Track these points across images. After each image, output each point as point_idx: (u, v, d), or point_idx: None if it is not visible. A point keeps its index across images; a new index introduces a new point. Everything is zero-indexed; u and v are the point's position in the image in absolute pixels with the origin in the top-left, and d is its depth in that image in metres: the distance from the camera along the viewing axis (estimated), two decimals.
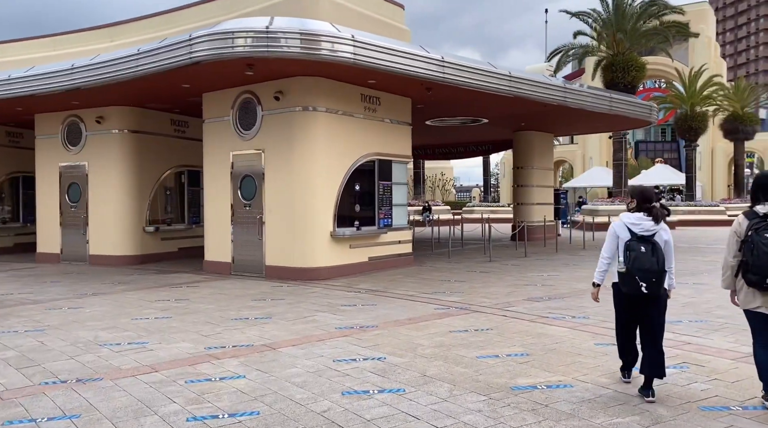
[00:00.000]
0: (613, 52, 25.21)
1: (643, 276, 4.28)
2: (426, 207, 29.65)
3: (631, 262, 4.33)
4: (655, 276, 4.31)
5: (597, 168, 45.03)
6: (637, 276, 4.29)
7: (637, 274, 4.29)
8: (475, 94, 13.12)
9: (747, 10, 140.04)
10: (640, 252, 4.34)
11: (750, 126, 36.71)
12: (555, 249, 16.29)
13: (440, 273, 11.96)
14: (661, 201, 4.91)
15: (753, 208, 4.19)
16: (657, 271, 4.31)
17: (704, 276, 10.87)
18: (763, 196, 4.14)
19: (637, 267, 4.30)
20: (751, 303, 4.23)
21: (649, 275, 4.28)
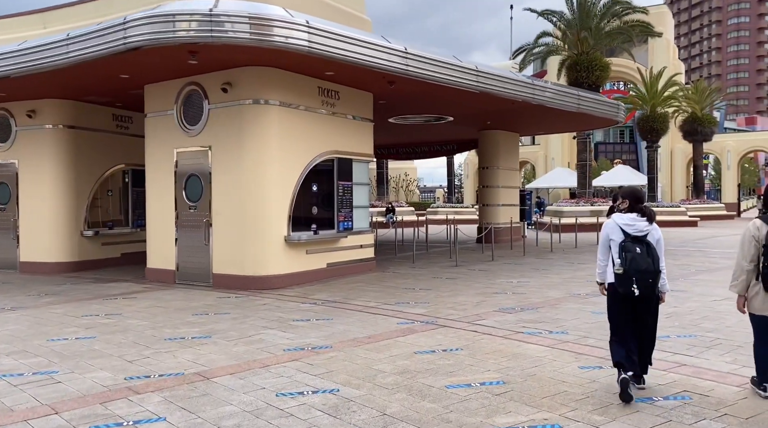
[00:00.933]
0: (578, 51, 24.95)
1: (639, 277, 4.31)
2: (389, 208, 28.86)
3: (628, 263, 4.33)
4: (652, 277, 4.36)
5: (559, 169, 45.04)
6: (635, 277, 4.31)
7: (634, 276, 4.31)
8: (440, 89, 12.36)
9: (700, 15, 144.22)
10: (636, 254, 4.35)
11: (708, 127, 37.17)
12: (522, 252, 15.68)
13: (404, 280, 11.15)
14: None
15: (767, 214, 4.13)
16: (653, 272, 4.36)
17: (680, 281, 10.33)
18: None
19: (635, 269, 4.31)
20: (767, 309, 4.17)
21: (645, 276, 4.32)
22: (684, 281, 10.36)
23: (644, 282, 4.33)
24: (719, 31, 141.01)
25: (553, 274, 11.60)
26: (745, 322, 5.46)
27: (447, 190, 38.99)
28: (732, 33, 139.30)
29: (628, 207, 4.63)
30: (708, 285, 9.75)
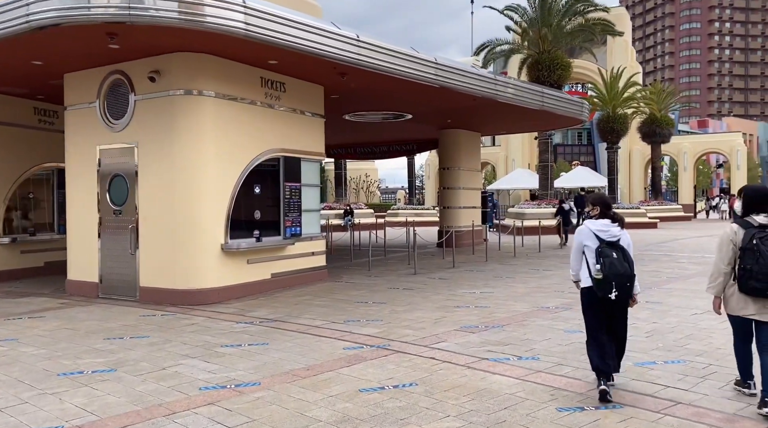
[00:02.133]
0: (539, 50, 24.38)
1: (618, 281, 4.48)
2: (347, 210, 27.80)
3: (607, 268, 4.48)
4: (629, 281, 4.54)
5: (519, 170, 44.72)
6: (614, 281, 4.47)
7: (613, 280, 4.47)
8: (397, 83, 11.39)
9: (654, 20, 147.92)
10: (614, 258, 4.51)
11: (666, 129, 37.31)
12: (485, 258, 14.83)
13: (357, 292, 10.12)
14: None
15: (745, 219, 4.36)
16: (630, 276, 4.54)
17: (654, 291, 9.60)
18: (759, 209, 4.32)
19: (614, 273, 4.47)
20: (743, 310, 4.35)
21: (623, 280, 4.50)
22: (657, 291, 9.62)
23: (622, 286, 4.50)
24: (672, 36, 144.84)
25: (518, 283, 10.74)
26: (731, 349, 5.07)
27: (408, 192, 38.11)
28: (684, 38, 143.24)
29: (599, 213, 4.79)
30: (684, 296, 9.02)
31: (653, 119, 36.54)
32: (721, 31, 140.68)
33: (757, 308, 4.30)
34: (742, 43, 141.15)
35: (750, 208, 4.39)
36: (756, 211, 4.36)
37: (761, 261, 4.17)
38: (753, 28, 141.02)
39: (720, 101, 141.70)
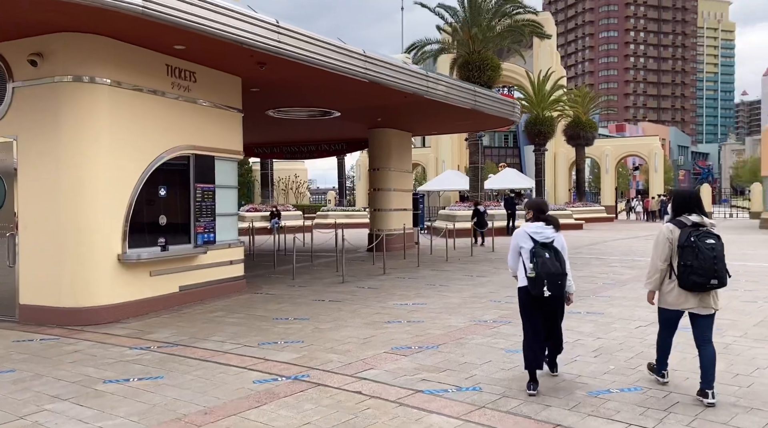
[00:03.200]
0: (469, 50, 24.08)
1: (550, 279, 4.75)
2: (274, 212, 26.51)
3: (539, 267, 4.76)
4: (560, 279, 4.83)
5: (450, 171, 44.73)
6: (546, 280, 4.75)
7: (545, 278, 4.74)
8: (323, 77, 10.47)
9: (575, 28, 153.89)
10: (546, 258, 4.80)
11: (590, 132, 38.18)
12: (417, 263, 14.13)
13: (278, 306, 9.11)
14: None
15: (678, 219, 4.67)
16: (561, 274, 4.83)
17: (592, 300, 9.15)
18: (692, 209, 4.64)
19: (546, 272, 4.75)
20: (683, 304, 4.65)
21: (554, 278, 4.78)
22: (596, 299, 9.18)
23: (554, 284, 4.79)
24: (592, 44, 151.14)
25: (452, 292, 10.06)
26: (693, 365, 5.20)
27: (338, 193, 37.15)
28: (603, 46, 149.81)
29: (532, 217, 5.10)
30: (624, 305, 8.60)
31: (578, 122, 37.26)
32: (636, 40, 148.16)
33: (696, 302, 4.63)
34: (655, 52, 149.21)
35: (680, 210, 4.72)
36: (686, 211, 4.68)
37: (701, 256, 4.45)
38: (665, 38, 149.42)
39: (635, 107, 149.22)
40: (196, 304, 9.23)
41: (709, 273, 4.46)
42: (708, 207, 34.12)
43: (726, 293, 9.33)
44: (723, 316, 7.60)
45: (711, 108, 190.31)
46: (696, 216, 4.62)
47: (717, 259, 4.47)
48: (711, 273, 4.46)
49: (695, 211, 4.64)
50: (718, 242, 4.54)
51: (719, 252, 4.49)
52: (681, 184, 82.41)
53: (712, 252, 4.46)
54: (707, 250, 4.45)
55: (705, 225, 4.61)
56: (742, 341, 6.39)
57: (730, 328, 6.98)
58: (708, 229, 4.60)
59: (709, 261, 4.44)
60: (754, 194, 42.81)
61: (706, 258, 4.44)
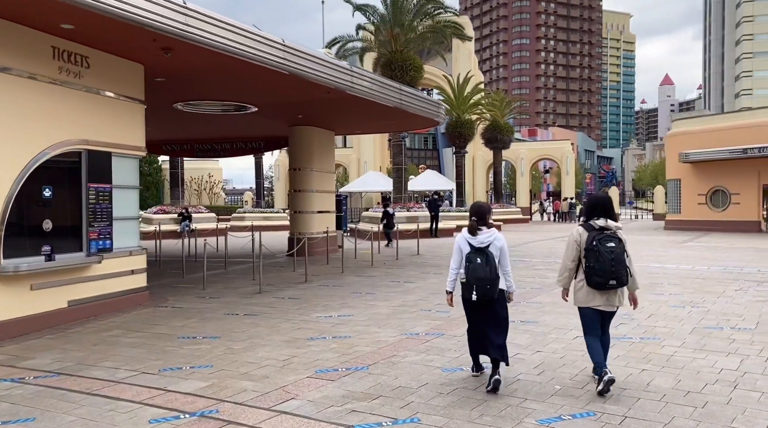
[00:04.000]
0: (392, 49, 23.65)
1: (478, 284, 4.96)
2: (184, 214, 24.91)
3: (469, 273, 5.00)
4: (489, 283, 4.97)
5: (372, 172, 44.32)
6: (474, 285, 4.97)
7: (474, 283, 4.97)
8: (238, 67, 9.57)
9: (490, 34, 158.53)
10: (477, 264, 4.98)
11: (507, 135, 38.92)
12: (341, 269, 13.40)
13: (185, 321, 8.11)
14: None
15: (588, 222, 5.03)
16: (490, 279, 4.98)
17: (523, 307, 8.80)
18: (599, 214, 5.00)
19: (475, 277, 4.97)
20: (591, 301, 4.99)
21: (483, 282, 4.96)
22: (528, 306, 8.83)
23: (482, 288, 4.94)
24: (506, 50, 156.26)
25: (379, 301, 9.42)
26: (640, 384, 5.12)
27: (256, 194, 35.68)
28: (516, 52, 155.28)
29: (471, 220, 5.20)
30: (558, 313, 8.28)
31: (495, 126, 37.86)
32: (546, 47, 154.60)
33: (602, 300, 4.95)
34: (564, 60, 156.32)
35: (590, 214, 5.04)
36: (595, 216, 5.00)
37: (601, 258, 4.80)
38: (573, 46, 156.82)
39: (546, 112, 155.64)
40: (88, 321, 8.06)
41: (608, 275, 4.80)
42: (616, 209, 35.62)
43: (652, 297, 9.31)
44: (657, 324, 7.42)
45: (614, 115, 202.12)
46: (602, 221, 4.95)
47: (615, 262, 4.79)
48: (610, 275, 4.80)
49: (603, 215, 4.98)
50: (618, 245, 4.84)
51: (618, 255, 4.80)
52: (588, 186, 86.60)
53: (611, 255, 4.79)
54: (607, 253, 4.80)
55: (610, 228, 4.93)
56: (682, 351, 6.14)
57: (667, 337, 6.75)
58: (612, 233, 4.90)
59: (608, 263, 4.78)
60: (656, 197, 45.35)
61: (606, 260, 4.78)
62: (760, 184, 26.09)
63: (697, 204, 28.02)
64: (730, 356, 5.87)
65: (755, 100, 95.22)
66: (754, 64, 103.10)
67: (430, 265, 14.17)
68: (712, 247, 18.46)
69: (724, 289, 10.03)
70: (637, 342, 6.49)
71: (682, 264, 13.82)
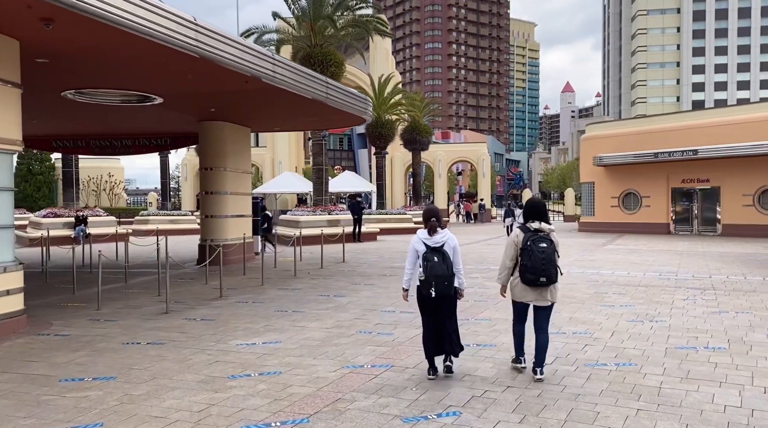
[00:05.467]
0: (311, 43, 22.38)
1: (437, 281, 5.28)
2: (79, 218, 22.35)
3: (428, 270, 5.29)
4: (447, 280, 5.33)
5: (287, 173, 42.60)
6: (433, 281, 5.28)
7: (433, 280, 5.28)
8: (140, 47, 8.06)
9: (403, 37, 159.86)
10: (434, 262, 5.31)
11: (426, 137, 38.58)
12: (260, 280, 12.01)
13: (72, 354, 6.55)
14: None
15: (525, 225, 5.49)
16: (447, 276, 5.33)
17: (477, 327, 7.91)
18: (535, 217, 5.47)
19: (433, 274, 5.28)
20: (525, 297, 5.48)
21: (441, 279, 5.29)
22: (476, 324, 7.94)
23: (441, 285, 5.29)
24: (419, 53, 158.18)
25: (310, 321, 8.21)
26: None
27: (161, 195, 33.09)
28: (428, 56, 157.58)
29: (425, 223, 5.53)
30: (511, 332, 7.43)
31: (414, 127, 37.38)
32: (458, 52, 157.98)
33: (534, 296, 5.41)
34: (475, 65, 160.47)
35: (528, 217, 5.50)
36: (531, 219, 5.45)
37: (533, 258, 5.26)
38: (482, 52, 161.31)
39: (458, 116, 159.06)
40: None
41: (538, 273, 5.28)
42: None
43: (605, 310, 8.69)
44: (624, 344, 6.74)
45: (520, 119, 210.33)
46: (537, 224, 5.42)
47: (545, 261, 5.26)
48: (540, 272, 5.27)
49: (537, 218, 5.46)
50: (549, 246, 5.32)
51: (548, 255, 5.29)
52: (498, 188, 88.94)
53: (542, 255, 5.27)
54: (539, 253, 5.28)
55: (544, 231, 5.39)
56: (669, 382, 5.40)
57: (643, 362, 6.03)
58: (545, 234, 5.37)
59: (539, 262, 5.26)
60: (567, 199, 46.82)
61: (537, 259, 5.26)
62: (668, 187, 27.11)
63: (610, 206, 28.77)
64: (723, 386, 5.20)
65: (649, 107, 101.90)
66: (648, 73, 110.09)
67: (359, 275, 13.09)
68: (634, 250, 18.64)
69: (672, 299, 9.65)
70: (614, 371, 5.73)
71: (617, 269, 13.58)
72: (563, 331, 7.36)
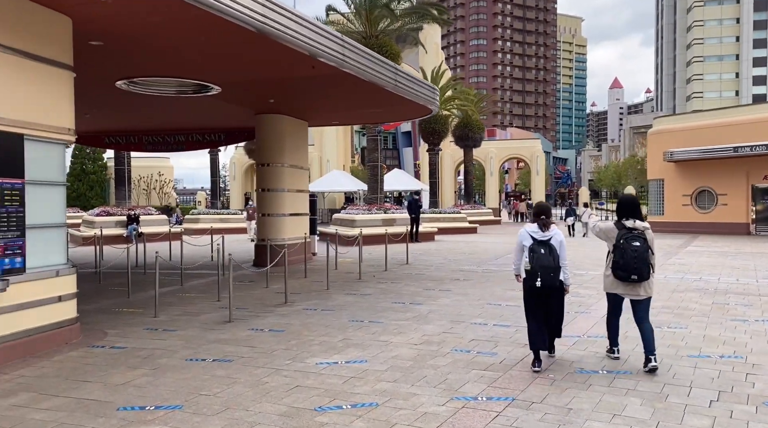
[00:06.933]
0: (367, 34, 21.44)
1: (543, 271, 5.47)
2: (131, 217, 21.99)
3: (534, 261, 5.51)
4: (553, 272, 5.51)
5: (336, 171, 41.87)
6: (539, 272, 5.47)
7: (539, 270, 5.48)
8: (200, 20, 7.16)
9: (447, 34, 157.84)
10: (540, 254, 5.52)
11: (479, 133, 37.25)
12: (325, 284, 11.04)
13: (130, 372, 5.67)
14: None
15: (620, 222, 5.57)
16: (554, 267, 5.52)
17: (591, 345, 6.71)
18: (629, 214, 5.55)
19: (539, 265, 5.48)
20: (615, 289, 5.64)
21: (547, 270, 5.48)
22: (593, 345, 6.73)
23: (547, 276, 5.48)
24: (463, 50, 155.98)
25: (392, 335, 7.16)
26: None
27: (211, 194, 32.74)
28: (473, 53, 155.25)
29: (533, 218, 5.82)
30: (639, 349, 6.21)
31: (467, 123, 36.09)
32: (503, 49, 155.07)
33: (625, 289, 5.59)
34: (521, 61, 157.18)
35: (622, 214, 5.63)
36: (625, 216, 5.59)
37: (625, 256, 5.41)
38: (528, 48, 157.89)
39: (503, 113, 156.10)
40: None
41: (630, 270, 5.38)
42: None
43: (740, 325, 7.19)
44: None
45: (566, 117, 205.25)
46: (631, 222, 5.50)
47: (637, 260, 5.34)
48: (632, 271, 5.37)
49: (631, 215, 5.53)
50: (642, 245, 5.38)
51: (641, 254, 5.35)
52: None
53: (634, 254, 5.35)
54: (631, 252, 5.36)
55: (638, 228, 5.46)
56: None
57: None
58: (639, 233, 5.43)
59: (630, 260, 5.36)
60: None
61: (629, 258, 5.36)
62: (748, 184, 25.06)
63: (682, 205, 26.86)
64: None
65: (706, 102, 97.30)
66: (704, 67, 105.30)
67: (429, 279, 12.00)
68: (723, 252, 16.97)
69: None
70: None
71: (722, 275, 12.06)
72: (706, 354, 6.09)
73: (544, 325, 5.63)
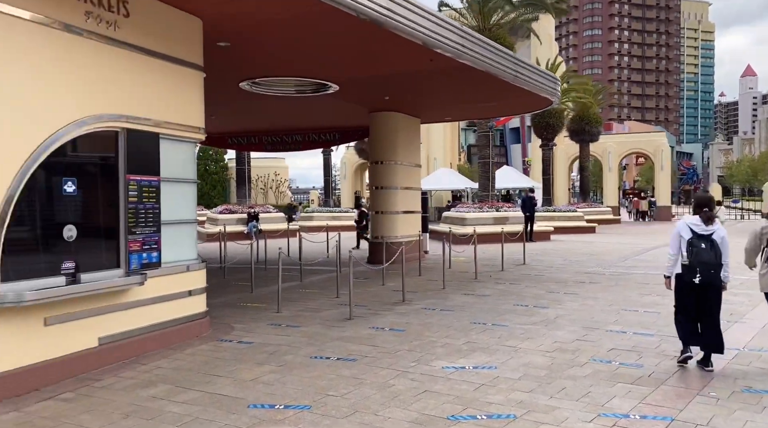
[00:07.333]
0: (480, 27, 20.86)
1: (702, 268, 5.17)
2: (252, 214, 22.96)
3: (693, 256, 5.21)
4: (713, 268, 5.22)
5: (443, 169, 41.48)
6: (698, 268, 5.18)
7: (698, 267, 5.18)
8: (325, 17, 7.12)
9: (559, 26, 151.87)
10: (701, 249, 5.22)
11: (596, 127, 35.31)
12: (441, 283, 10.75)
13: (258, 368, 5.71)
14: None
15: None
16: (715, 264, 5.21)
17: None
18: None
19: (699, 261, 5.18)
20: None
21: (707, 267, 5.18)
22: (757, 360, 5.91)
23: (706, 273, 5.18)
24: (576, 42, 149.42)
25: (519, 339, 6.73)
26: None
27: (324, 192, 33.60)
28: (587, 44, 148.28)
29: (694, 211, 5.50)
30: None
31: (583, 116, 34.29)
32: (620, 38, 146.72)
33: None
34: (639, 50, 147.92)
35: None
36: None
37: None
38: (648, 37, 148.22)
39: (620, 106, 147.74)
40: (125, 367, 5.79)
41: None
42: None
43: None
44: None
45: (691, 108, 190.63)
46: None
47: None
48: None
49: None
50: None
51: None
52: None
53: None
54: None
55: None
56: None
57: None
58: None
59: None
60: (766, 194, 40.40)
61: None
62: None
63: None
64: None
65: None
66: None
67: (551, 280, 11.33)
68: None
69: None
70: None
71: None
72: None
73: (694, 321, 5.42)
